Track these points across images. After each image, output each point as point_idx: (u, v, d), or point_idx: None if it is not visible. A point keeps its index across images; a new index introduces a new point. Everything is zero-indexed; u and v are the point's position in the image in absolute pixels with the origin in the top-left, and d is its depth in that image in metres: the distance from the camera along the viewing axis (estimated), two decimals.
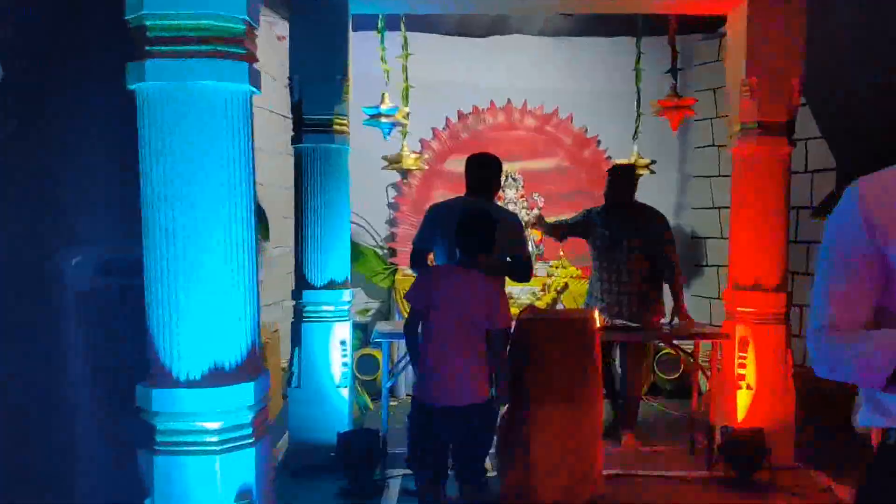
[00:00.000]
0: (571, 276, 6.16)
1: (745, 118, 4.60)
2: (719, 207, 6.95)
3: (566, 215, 7.03)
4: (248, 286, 2.41)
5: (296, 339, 4.59)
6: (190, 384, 2.34)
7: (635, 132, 6.20)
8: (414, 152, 6.03)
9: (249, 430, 2.38)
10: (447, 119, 7.03)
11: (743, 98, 4.59)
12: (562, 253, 6.53)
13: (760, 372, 4.60)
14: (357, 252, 6.95)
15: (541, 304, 6.03)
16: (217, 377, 2.35)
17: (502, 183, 6.81)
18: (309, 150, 4.59)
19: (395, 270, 6.85)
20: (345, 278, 4.69)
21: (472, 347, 3.32)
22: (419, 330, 3.40)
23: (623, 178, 5.04)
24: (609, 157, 7.06)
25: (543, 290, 6.09)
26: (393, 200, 7.08)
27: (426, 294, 3.33)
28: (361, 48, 5.92)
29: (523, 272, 4.12)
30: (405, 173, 6.42)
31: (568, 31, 7.07)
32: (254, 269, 2.45)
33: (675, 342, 4.98)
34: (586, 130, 7.08)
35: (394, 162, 6.03)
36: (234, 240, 2.36)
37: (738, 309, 4.65)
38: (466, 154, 7.26)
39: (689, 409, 5.69)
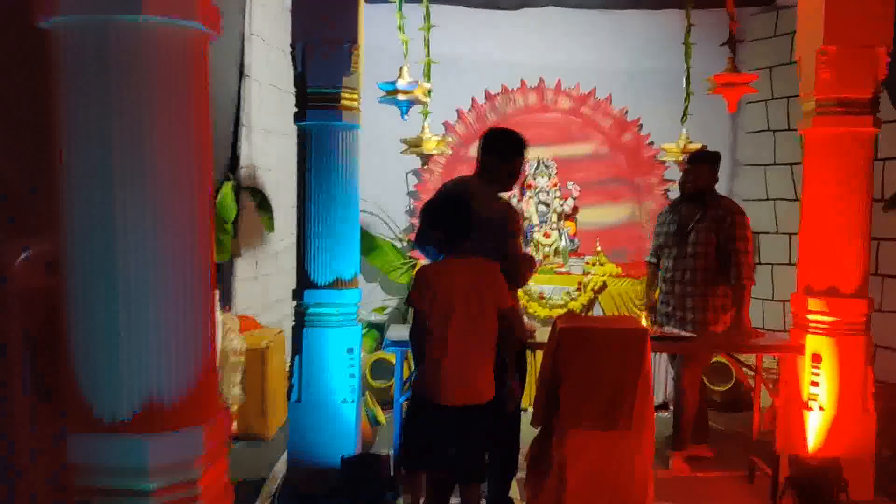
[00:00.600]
0: (610, 275, 5.47)
1: (823, 93, 3.88)
2: (774, 199, 6.23)
3: (604, 206, 6.40)
4: (197, 293, 1.78)
5: (297, 345, 3.96)
6: (116, 427, 1.71)
7: (684, 114, 5.50)
8: (436, 135, 5.38)
9: (197, 491, 1.75)
10: (473, 99, 6.37)
11: (820, 70, 3.87)
12: (599, 248, 5.84)
13: (836, 392, 3.89)
14: (373, 244, 6.35)
15: (575, 306, 5.36)
16: (153, 417, 1.72)
17: (533, 170, 6.17)
18: (313, 129, 3.95)
19: (415, 265, 6.21)
20: (353, 276, 4.06)
21: (484, 341, 3.09)
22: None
23: (701, 166, 4.31)
24: (651, 143, 6.36)
25: (579, 289, 5.41)
26: (413, 188, 6.44)
27: (427, 292, 3.05)
28: (378, 21, 5.29)
29: (512, 272, 3.34)
30: (426, 159, 5.76)
31: (607, 4, 6.36)
32: (206, 271, 1.82)
33: (734, 355, 4.28)
34: (626, 112, 6.37)
35: (413, 145, 5.38)
36: (175, 230, 1.72)
37: (810, 317, 3.95)
38: None
39: (744, 426, 5.02)
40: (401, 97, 4.68)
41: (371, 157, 6.34)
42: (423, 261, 6.37)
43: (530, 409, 3.58)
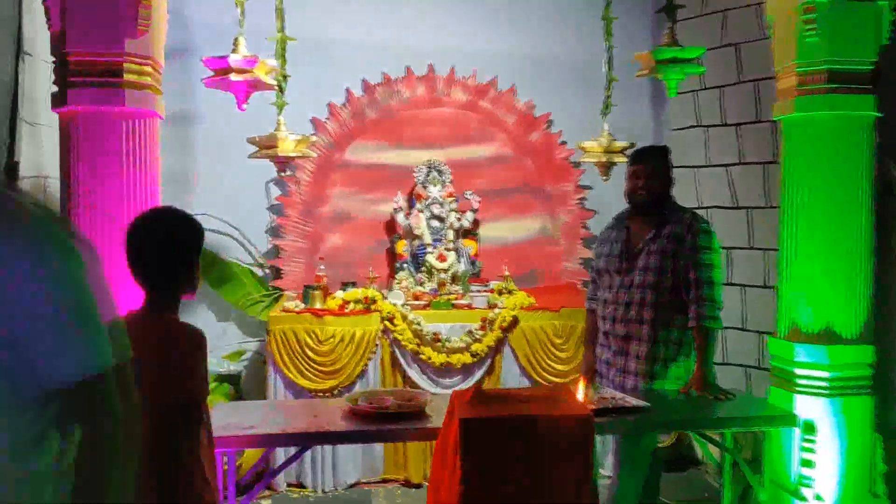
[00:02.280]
0: (521, 307, 4.25)
1: (808, 64, 2.79)
2: (710, 207, 5.16)
3: (509, 219, 5.19)
4: None
5: None
6: None
7: (606, 104, 4.32)
8: (296, 134, 4.03)
9: None
10: (348, 91, 5.04)
11: (805, 32, 2.77)
12: (507, 271, 4.62)
13: (838, 474, 2.79)
14: (226, 273, 4.93)
15: (480, 348, 4.11)
16: None
17: (423, 176, 4.92)
18: (80, 118, 2.56)
19: (279, 297, 4.84)
20: None
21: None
22: None
23: (652, 165, 3.12)
24: (563, 143, 5.21)
25: (484, 328, 4.16)
26: (276, 201, 5.06)
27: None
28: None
29: None
30: (287, 164, 4.40)
31: None
32: None
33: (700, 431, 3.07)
34: (533, 107, 5.19)
35: (265, 146, 3.99)
36: None
37: (799, 371, 2.83)
38: (375, 138, 5.31)
39: (699, 494, 3.92)
40: (235, 77, 3.31)
41: (221, 162, 4.96)
42: (290, 291, 5.02)
43: None
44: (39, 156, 3.86)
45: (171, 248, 1.84)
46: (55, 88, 2.58)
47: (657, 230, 3.02)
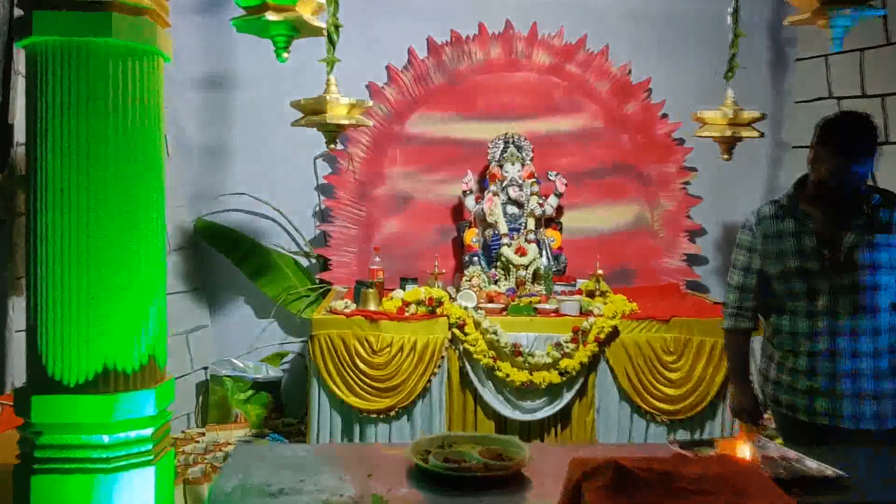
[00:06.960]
0: (622, 315, 3.39)
1: None
2: None
3: (599, 205, 4.33)
4: None
5: None
6: None
7: (730, 66, 3.44)
8: (349, 99, 3.24)
9: None
10: (410, 50, 4.24)
11: None
12: (599, 268, 3.77)
13: None
14: (267, 262, 4.23)
15: (571, 364, 3.28)
16: None
17: (498, 153, 4.10)
18: (49, 52, 1.81)
19: (327, 291, 4.08)
20: (148, 361, 1.92)
21: None
22: None
23: (847, 141, 2.19)
24: (665, 115, 4.34)
25: (575, 340, 3.31)
26: (324, 180, 4.30)
27: None
28: None
29: None
30: (337, 134, 3.58)
31: None
32: None
33: None
34: (630, 71, 4.32)
35: (312, 112, 3.22)
36: None
37: None
38: (442, 107, 4.42)
39: None
40: (271, 17, 2.54)
41: (262, 133, 4.22)
42: (339, 286, 4.25)
43: None
44: None
45: None
46: (19, 12, 1.84)
47: (871, 212, 2.25)
